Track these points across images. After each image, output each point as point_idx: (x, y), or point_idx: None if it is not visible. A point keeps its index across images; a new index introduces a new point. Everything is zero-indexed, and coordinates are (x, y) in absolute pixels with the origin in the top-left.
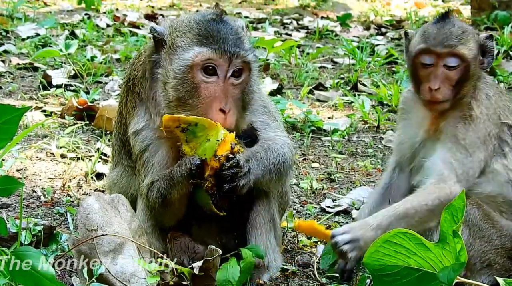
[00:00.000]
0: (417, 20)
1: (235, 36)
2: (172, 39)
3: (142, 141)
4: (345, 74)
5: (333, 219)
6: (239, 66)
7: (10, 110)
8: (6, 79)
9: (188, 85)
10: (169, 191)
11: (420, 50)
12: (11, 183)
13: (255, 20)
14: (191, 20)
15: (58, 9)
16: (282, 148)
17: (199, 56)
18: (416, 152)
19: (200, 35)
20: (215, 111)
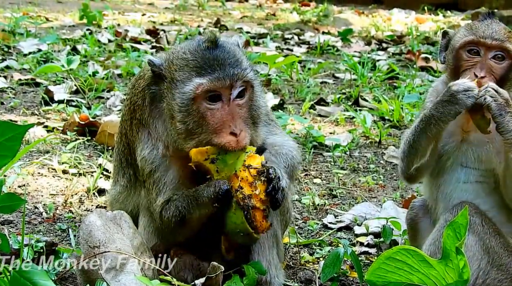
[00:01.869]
0: (418, 35)
1: (232, 59)
2: (171, 73)
3: (151, 163)
4: (347, 90)
5: (335, 235)
6: (241, 87)
7: (13, 127)
8: (8, 95)
9: (194, 116)
10: (189, 211)
11: (469, 41)
12: (13, 200)
13: (257, 35)
14: (186, 51)
15: (60, 24)
16: (290, 151)
17: (200, 87)
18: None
19: (197, 66)
20: (226, 136)
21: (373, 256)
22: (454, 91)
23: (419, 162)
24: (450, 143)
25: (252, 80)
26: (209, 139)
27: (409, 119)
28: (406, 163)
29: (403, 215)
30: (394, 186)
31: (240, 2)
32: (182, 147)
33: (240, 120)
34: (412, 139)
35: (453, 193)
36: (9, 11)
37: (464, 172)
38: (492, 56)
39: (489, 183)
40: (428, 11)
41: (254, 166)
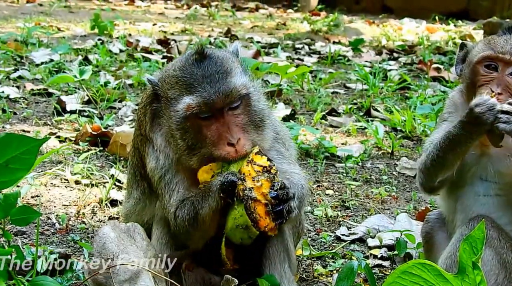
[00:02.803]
0: (429, 45)
1: (222, 72)
2: (164, 92)
3: (160, 169)
4: (358, 100)
5: (349, 247)
6: (234, 102)
7: (28, 141)
8: (20, 105)
9: (191, 133)
10: (201, 205)
11: (486, 56)
12: (28, 212)
13: (267, 45)
14: (176, 69)
15: (71, 34)
16: (299, 181)
17: (190, 105)
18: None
19: (186, 83)
20: (223, 147)
21: (387, 269)
22: (478, 113)
23: (444, 175)
24: (470, 156)
25: (245, 94)
26: (210, 153)
27: (421, 130)
28: (427, 175)
29: (417, 228)
30: (407, 198)
31: (251, 12)
32: (188, 164)
33: (237, 129)
34: (437, 155)
35: (472, 206)
36: (21, 21)
37: (484, 185)
38: (510, 73)
39: (508, 197)
40: (439, 20)
41: (258, 163)
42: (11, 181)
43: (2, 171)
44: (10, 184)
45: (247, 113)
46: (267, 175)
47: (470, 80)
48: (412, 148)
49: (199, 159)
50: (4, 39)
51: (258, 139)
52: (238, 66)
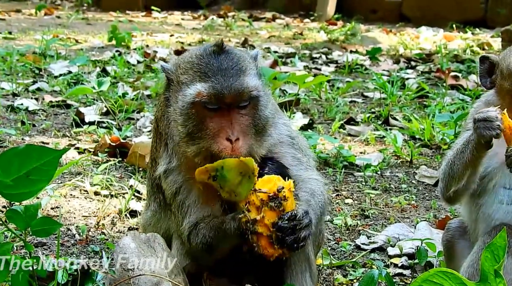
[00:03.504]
0: (447, 53)
1: (237, 69)
2: (177, 76)
3: (172, 184)
4: (376, 109)
5: (369, 256)
6: (243, 101)
7: (48, 152)
8: (39, 117)
9: (194, 120)
10: (216, 242)
11: None
12: (49, 223)
13: (284, 54)
14: (193, 56)
15: (89, 46)
16: (319, 188)
17: (201, 93)
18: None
19: (201, 71)
20: (221, 141)
21: (408, 278)
22: (475, 118)
23: (456, 186)
24: (493, 164)
25: (255, 96)
26: (208, 146)
27: (440, 138)
28: (445, 184)
29: (437, 236)
30: (427, 206)
31: (268, 22)
32: (185, 152)
33: (239, 128)
34: (450, 165)
35: (495, 215)
36: (39, 33)
37: (506, 194)
38: None
39: None
40: (456, 28)
41: (263, 190)
42: (31, 192)
43: (23, 182)
44: (30, 195)
45: (252, 116)
46: (273, 203)
47: (504, 94)
48: (431, 156)
49: (197, 149)
50: (23, 52)
51: (256, 146)
52: (253, 68)
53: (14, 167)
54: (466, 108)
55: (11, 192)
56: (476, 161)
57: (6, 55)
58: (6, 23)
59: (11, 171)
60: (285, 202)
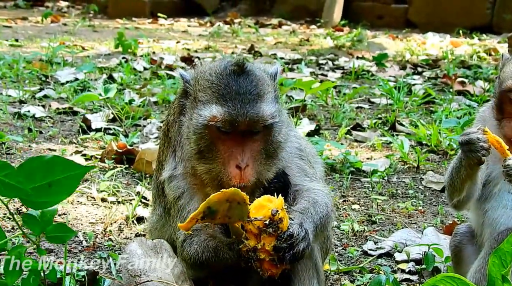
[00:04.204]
0: (453, 59)
1: (255, 95)
2: (195, 91)
3: (176, 189)
4: (383, 115)
5: (376, 262)
6: (257, 129)
7: (74, 167)
8: (46, 124)
9: (206, 141)
10: (208, 263)
11: (510, 88)
12: (64, 230)
13: (291, 61)
14: (212, 73)
15: (95, 53)
16: (323, 198)
17: (216, 117)
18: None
19: (219, 93)
20: (231, 168)
21: (415, 283)
22: (459, 141)
23: (458, 197)
24: (498, 169)
25: (269, 123)
26: (218, 170)
27: (447, 144)
28: (448, 193)
29: (444, 241)
30: (433, 212)
31: (274, 28)
32: (195, 167)
33: (249, 154)
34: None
35: (500, 219)
36: (46, 41)
37: (511, 199)
38: None
39: None
40: (463, 34)
41: (259, 218)
42: (51, 202)
43: (45, 191)
44: (49, 205)
45: (264, 141)
46: (271, 229)
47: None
48: (438, 162)
49: (206, 169)
50: (30, 59)
51: (264, 172)
52: (271, 91)
53: (38, 176)
54: (473, 114)
55: (31, 199)
56: (472, 176)
57: (13, 62)
58: (12, 31)
59: (34, 179)
60: (281, 224)
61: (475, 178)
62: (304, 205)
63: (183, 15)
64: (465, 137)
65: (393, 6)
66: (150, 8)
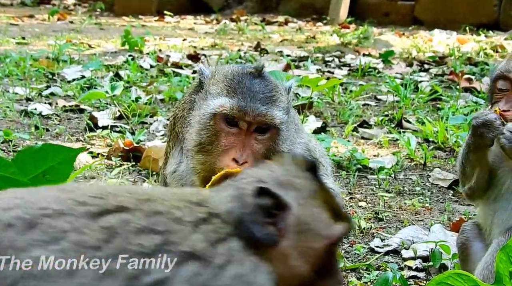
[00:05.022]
0: (460, 56)
1: (267, 95)
2: (208, 85)
3: (177, 181)
4: (389, 112)
5: (383, 259)
6: (263, 126)
7: (64, 150)
8: (53, 122)
9: (209, 132)
10: None
11: (497, 76)
12: None
13: (297, 58)
14: (230, 70)
15: (102, 51)
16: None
17: (223, 106)
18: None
19: (231, 86)
20: (228, 159)
21: (422, 280)
22: (474, 124)
23: (468, 182)
24: (505, 169)
25: (276, 125)
26: (213, 161)
27: (454, 141)
28: (460, 181)
29: (451, 238)
30: (441, 209)
31: (280, 25)
32: (192, 159)
33: (249, 152)
34: (461, 162)
35: (509, 219)
36: (52, 38)
37: None
38: None
39: None
40: (469, 31)
41: None
42: None
43: (40, 182)
44: None
45: (267, 145)
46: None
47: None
48: (445, 159)
49: (202, 161)
50: (36, 57)
51: None
52: (284, 100)
53: (30, 166)
54: (480, 110)
55: None
56: (481, 159)
57: (20, 60)
58: (19, 29)
59: (28, 170)
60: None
61: (486, 162)
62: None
63: (189, 13)
64: (480, 119)
65: (399, 3)
66: (156, 6)
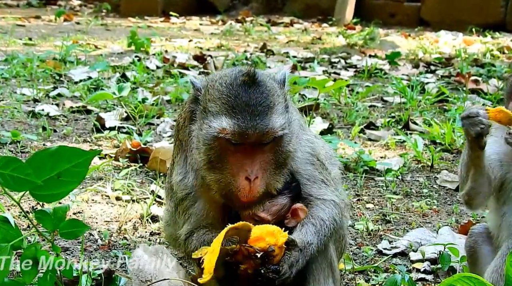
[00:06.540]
0: (466, 57)
1: (265, 106)
2: (204, 101)
3: (183, 189)
4: (396, 113)
5: (391, 261)
6: (267, 140)
7: (80, 153)
8: (60, 123)
9: (216, 152)
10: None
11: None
12: (77, 226)
13: (303, 59)
14: (223, 83)
15: (108, 52)
16: (331, 212)
17: (225, 130)
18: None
19: (228, 104)
20: (241, 180)
21: (430, 283)
22: (460, 119)
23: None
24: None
25: (279, 135)
26: (227, 181)
27: (461, 143)
28: (460, 185)
29: (459, 241)
30: (448, 211)
31: (286, 26)
32: (205, 177)
33: (259, 165)
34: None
35: None
36: (59, 39)
37: None
38: None
39: None
40: (475, 32)
41: (256, 248)
42: (62, 193)
43: (54, 183)
44: (61, 196)
45: (274, 152)
46: (260, 260)
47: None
48: (452, 161)
49: (215, 179)
50: (43, 58)
51: (273, 182)
52: (281, 101)
53: (46, 168)
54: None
55: (41, 192)
56: (475, 161)
57: (27, 61)
58: (26, 30)
59: (43, 172)
60: (273, 259)
61: (479, 166)
62: (308, 238)
63: (195, 14)
64: (465, 112)
65: (405, 4)
66: (162, 7)
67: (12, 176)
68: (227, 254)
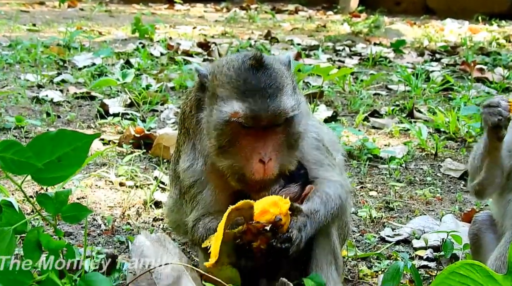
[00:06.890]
0: (472, 46)
1: (275, 88)
2: (213, 87)
3: (190, 177)
4: (400, 101)
5: (393, 248)
6: (279, 122)
7: (79, 137)
8: (64, 108)
9: (228, 136)
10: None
11: None
12: (79, 210)
13: (308, 47)
14: (230, 68)
15: (112, 38)
16: (336, 190)
17: (237, 113)
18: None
19: (238, 88)
20: (255, 163)
21: (433, 270)
22: (480, 108)
23: (478, 178)
24: None
25: (290, 116)
26: (241, 165)
27: (465, 131)
28: (470, 175)
29: (463, 229)
30: (452, 199)
31: (290, 14)
32: (216, 163)
33: (272, 147)
34: (474, 152)
35: None
36: (63, 26)
37: None
38: None
39: None
40: (481, 21)
41: (262, 222)
42: (62, 177)
43: (54, 166)
44: (61, 180)
45: (286, 133)
46: (270, 233)
47: None
48: (456, 149)
49: (229, 164)
50: (47, 44)
51: (287, 162)
52: (290, 82)
53: (46, 152)
54: None
55: (42, 176)
56: (491, 152)
57: (31, 47)
58: (30, 16)
59: (43, 155)
60: (282, 227)
61: (494, 157)
62: (314, 206)
63: (200, 1)
64: (487, 101)
65: None
66: None
67: (13, 159)
68: (235, 237)
